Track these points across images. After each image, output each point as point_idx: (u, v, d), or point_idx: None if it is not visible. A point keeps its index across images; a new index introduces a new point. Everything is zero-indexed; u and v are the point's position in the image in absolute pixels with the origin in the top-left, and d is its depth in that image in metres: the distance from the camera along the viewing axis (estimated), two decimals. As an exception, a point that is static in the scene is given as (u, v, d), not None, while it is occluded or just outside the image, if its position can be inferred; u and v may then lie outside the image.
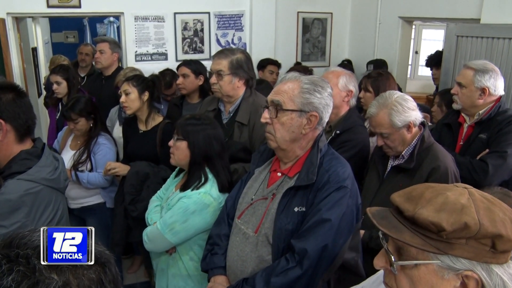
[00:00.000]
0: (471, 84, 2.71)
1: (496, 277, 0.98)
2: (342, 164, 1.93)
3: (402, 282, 1.06)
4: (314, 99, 1.88)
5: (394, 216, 1.07)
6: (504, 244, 0.97)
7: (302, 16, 5.35)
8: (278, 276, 1.83)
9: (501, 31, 3.55)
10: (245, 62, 2.88)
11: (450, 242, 0.98)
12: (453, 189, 1.05)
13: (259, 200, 1.99)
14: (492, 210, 1.00)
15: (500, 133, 2.65)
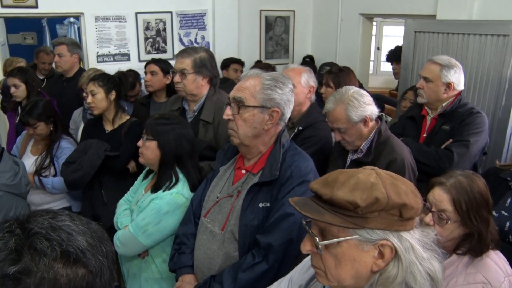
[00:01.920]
0: (438, 79, 2.82)
1: (406, 242, 1.10)
2: (304, 159, 1.97)
3: (328, 261, 1.14)
4: (275, 95, 1.91)
5: (314, 201, 1.15)
6: (409, 211, 1.09)
7: (265, 14, 5.39)
8: (245, 272, 1.86)
9: (456, 26, 3.68)
10: (208, 61, 2.89)
11: (365, 217, 1.08)
12: (362, 171, 1.16)
13: (224, 198, 2.01)
14: (396, 184, 1.11)
15: (463, 124, 2.78)
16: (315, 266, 1.20)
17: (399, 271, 1.10)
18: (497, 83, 3.42)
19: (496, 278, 1.71)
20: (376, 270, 1.12)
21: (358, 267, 1.12)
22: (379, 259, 1.11)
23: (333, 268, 1.14)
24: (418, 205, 1.12)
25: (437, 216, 1.74)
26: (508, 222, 2.15)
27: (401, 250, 1.09)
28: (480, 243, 1.73)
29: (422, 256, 1.11)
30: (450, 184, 1.74)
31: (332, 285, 1.19)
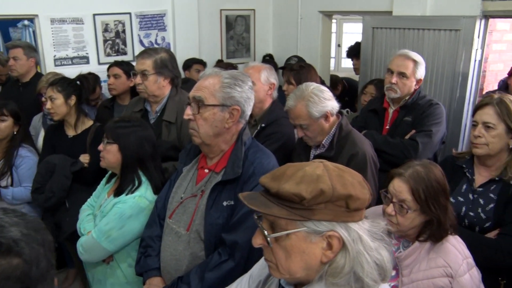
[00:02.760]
0: (413, 75, 2.92)
1: (354, 233, 1.12)
2: (266, 155, 1.99)
3: (278, 254, 1.16)
4: (235, 93, 1.91)
5: (263, 195, 1.17)
6: (355, 202, 1.12)
7: (225, 13, 5.38)
8: (212, 271, 1.87)
9: (411, 22, 3.79)
10: (169, 61, 2.88)
11: (311, 209, 1.10)
12: (310, 164, 1.18)
13: (188, 198, 2.01)
14: (342, 176, 1.14)
15: (424, 115, 2.89)
16: (267, 259, 1.22)
17: (346, 261, 1.12)
18: (451, 76, 3.55)
19: (456, 261, 1.79)
20: (325, 261, 1.14)
21: (308, 258, 1.14)
22: (328, 250, 1.13)
23: (284, 261, 1.16)
24: (365, 196, 1.15)
25: (398, 206, 1.79)
26: (464, 207, 2.23)
27: (348, 241, 1.12)
28: (439, 229, 1.80)
29: (370, 246, 1.13)
30: (408, 174, 1.79)
31: (285, 278, 1.22)
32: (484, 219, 2.17)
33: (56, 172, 2.92)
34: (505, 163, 2.19)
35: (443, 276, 1.78)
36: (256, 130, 2.81)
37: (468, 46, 3.44)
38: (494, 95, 2.25)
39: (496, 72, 4.31)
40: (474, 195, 2.23)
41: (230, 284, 1.56)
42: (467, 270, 1.80)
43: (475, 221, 2.19)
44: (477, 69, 3.54)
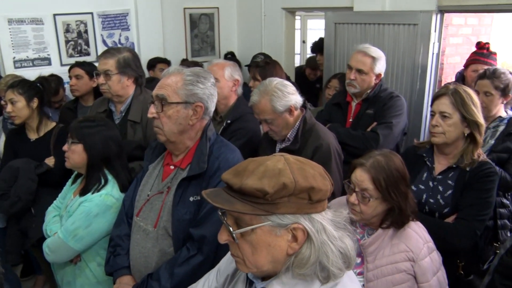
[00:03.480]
0: (371, 70, 2.98)
1: (317, 224, 1.16)
2: (231, 150, 2.02)
3: (245, 249, 1.18)
4: (197, 90, 1.93)
5: (226, 192, 1.18)
6: (317, 194, 1.15)
7: (189, 12, 5.35)
8: (181, 266, 1.89)
9: (371, 17, 3.88)
10: (132, 60, 2.86)
11: (275, 203, 1.12)
12: (271, 158, 1.19)
13: (155, 195, 2.02)
14: (303, 169, 1.16)
15: (385, 107, 2.96)
16: (234, 255, 1.23)
17: (312, 252, 1.15)
18: (411, 69, 3.65)
19: (417, 245, 1.86)
20: (291, 253, 1.17)
21: (274, 251, 1.16)
22: (293, 242, 1.16)
23: (250, 255, 1.18)
24: (327, 187, 1.18)
25: (360, 195, 1.85)
26: (424, 195, 2.31)
27: (312, 232, 1.15)
28: (401, 216, 1.86)
29: (334, 235, 1.17)
30: (369, 164, 1.85)
31: (252, 272, 1.24)
32: (443, 205, 2.26)
33: (20, 176, 2.85)
34: (462, 151, 2.28)
35: (406, 260, 1.84)
36: (222, 126, 2.83)
37: (425, 40, 3.55)
38: (450, 86, 2.34)
39: (453, 65, 4.47)
40: (434, 182, 2.32)
41: (200, 278, 1.57)
42: (427, 253, 1.87)
43: (435, 207, 2.28)
44: (435, 61, 3.66)
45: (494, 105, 2.90)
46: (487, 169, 2.22)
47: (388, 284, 1.83)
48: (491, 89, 2.87)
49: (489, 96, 2.88)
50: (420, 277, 1.84)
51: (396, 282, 1.83)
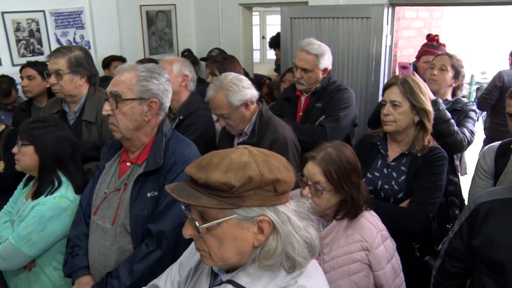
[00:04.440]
0: (315, 67, 3.01)
1: (283, 215, 1.17)
2: (187, 145, 2.03)
3: (211, 243, 1.18)
4: (152, 85, 1.93)
5: (191, 186, 1.16)
6: (282, 186, 1.16)
7: (145, 9, 5.28)
8: (140, 262, 1.88)
9: (326, 11, 3.94)
10: (84, 59, 2.81)
11: (241, 196, 1.12)
12: (235, 151, 1.19)
13: (112, 193, 2.00)
14: (268, 161, 1.16)
15: (332, 100, 3.01)
16: (199, 249, 1.22)
17: (278, 243, 1.17)
18: (366, 61, 3.73)
19: (371, 234, 1.89)
20: (257, 245, 1.18)
21: (240, 244, 1.17)
22: (259, 234, 1.17)
23: (217, 249, 1.17)
24: (291, 179, 1.19)
25: (313, 188, 1.86)
26: (379, 181, 2.38)
27: (278, 223, 1.16)
28: (354, 207, 1.89)
29: (298, 225, 1.19)
30: (320, 157, 1.86)
31: (218, 265, 1.24)
32: (397, 190, 2.33)
33: None
34: (413, 137, 2.36)
35: (360, 250, 1.87)
36: (175, 122, 2.82)
37: (378, 33, 3.64)
38: (399, 76, 2.42)
39: (407, 57, 4.61)
40: (388, 169, 2.39)
41: (160, 273, 1.56)
42: (381, 242, 1.90)
43: (390, 193, 2.35)
44: (388, 54, 3.76)
45: (445, 83, 3.02)
46: (437, 154, 2.31)
47: (344, 274, 1.85)
48: (448, 64, 3.00)
49: (444, 71, 3.00)
50: (375, 265, 1.87)
51: (351, 272, 1.86)
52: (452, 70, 3.01)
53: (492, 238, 1.70)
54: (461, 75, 3.06)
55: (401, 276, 2.01)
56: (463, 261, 1.87)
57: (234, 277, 1.22)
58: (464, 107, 2.94)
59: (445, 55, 3.11)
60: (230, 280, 1.23)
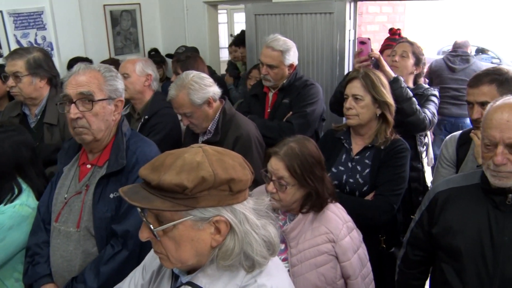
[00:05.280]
0: (281, 64, 3.01)
1: (239, 214, 1.16)
2: (148, 144, 2.03)
3: (168, 245, 1.16)
4: (118, 85, 1.96)
5: (145, 188, 1.14)
6: (237, 185, 1.15)
7: (109, 9, 5.19)
8: (106, 264, 1.86)
9: (289, 7, 3.95)
10: (44, 60, 2.75)
11: (195, 197, 1.11)
12: (189, 150, 1.17)
13: (73, 196, 1.97)
14: (222, 160, 1.15)
15: (299, 96, 3.02)
16: (157, 251, 1.21)
17: (236, 243, 1.16)
18: (330, 56, 3.76)
19: (336, 226, 1.91)
20: (215, 245, 1.17)
21: (198, 245, 1.16)
22: (216, 235, 1.16)
23: (174, 251, 1.16)
24: (247, 177, 1.18)
25: (277, 183, 1.87)
26: (344, 175, 2.41)
27: (235, 223, 1.15)
28: (319, 199, 1.91)
29: (257, 224, 1.18)
30: (283, 152, 1.87)
31: (177, 267, 1.23)
32: (362, 183, 2.36)
33: None
34: (375, 131, 2.40)
35: (326, 242, 1.89)
36: (140, 123, 2.80)
37: (341, 28, 3.67)
38: (360, 70, 2.45)
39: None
40: (352, 163, 2.42)
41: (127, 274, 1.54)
42: (347, 233, 1.93)
43: (355, 186, 2.38)
44: (352, 48, 3.79)
45: (407, 70, 3.07)
46: (399, 146, 2.35)
47: (312, 267, 1.87)
48: (409, 51, 3.06)
49: (405, 57, 3.06)
50: (341, 256, 1.90)
51: (319, 264, 1.88)
52: (413, 57, 3.07)
53: (450, 226, 1.75)
54: (422, 63, 3.13)
55: (368, 266, 2.05)
56: (424, 249, 1.92)
57: (193, 278, 1.22)
58: (425, 92, 3.01)
59: (406, 42, 3.17)
60: (189, 282, 1.22)
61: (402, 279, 2.06)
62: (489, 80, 2.19)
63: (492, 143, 1.59)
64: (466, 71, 4.95)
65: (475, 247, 1.67)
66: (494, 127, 1.57)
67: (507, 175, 1.58)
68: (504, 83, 2.16)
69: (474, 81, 2.26)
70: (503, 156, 1.56)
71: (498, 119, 1.57)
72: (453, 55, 5.16)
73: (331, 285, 1.90)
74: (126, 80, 2.86)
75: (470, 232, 1.69)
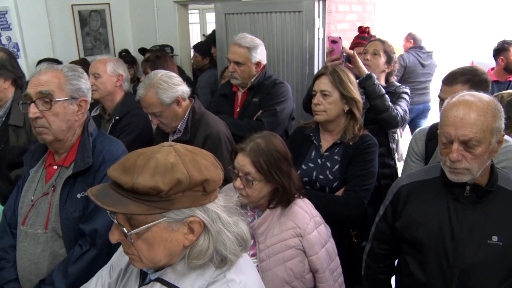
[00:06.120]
0: (248, 61, 3.02)
1: (212, 213, 1.17)
2: (114, 142, 2.02)
3: (140, 247, 1.15)
4: (82, 84, 1.93)
5: (116, 191, 1.11)
6: (211, 185, 1.15)
7: (77, 9, 5.11)
8: (74, 264, 1.85)
9: (259, 6, 3.97)
10: (8, 61, 2.71)
11: (170, 199, 1.10)
12: (161, 150, 1.14)
13: (40, 198, 1.94)
14: (196, 160, 1.14)
15: (268, 94, 3.04)
16: (128, 253, 1.19)
17: (210, 242, 1.16)
18: (300, 54, 3.79)
19: (303, 221, 1.93)
20: (188, 245, 1.17)
21: (171, 246, 1.16)
22: (189, 234, 1.16)
23: (147, 252, 1.15)
24: (220, 176, 1.19)
25: (244, 179, 1.88)
26: (314, 172, 2.43)
27: (208, 222, 1.15)
28: (286, 195, 1.93)
29: (228, 221, 1.19)
30: (249, 148, 1.88)
31: (148, 267, 1.22)
32: (332, 179, 2.38)
33: None
34: (344, 127, 2.43)
35: (294, 236, 1.91)
36: (110, 123, 2.77)
37: (310, 26, 3.70)
38: (328, 66, 2.47)
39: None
40: (322, 159, 2.44)
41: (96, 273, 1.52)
42: (314, 228, 1.95)
43: (325, 182, 2.40)
44: (321, 46, 3.83)
45: (378, 68, 3.12)
46: (367, 141, 2.38)
47: (280, 261, 1.89)
48: (380, 50, 3.12)
49: (377, 56, 3.11)
50: (309, 250, 1.91)
51: (287, 258, 1.89)
52: (385, 55, 3.12)
53: (412, 219, 1.78)
54: (393, 61, 3.19)
55: (337, 260, 2.07)
56: (389, 243, 1.96)
57: (162, 275, 1.21)
58: (397, 90, 3.06)
59: (378, 41, 3.23)
60: (158, 278, 1.22)
61: (369, 273, 2.09)
62: (464, 80, 2.24)
63: (448, 140, 1.62)
64: (430, 66, 5.73)
65: (436, 239, 1.71)
66: (449, 124, 1.61)
67: (462, 171, 1.62)
68: (477, 84, 2.21)
69: (450, 78, 2.31)
70: (458, 153, 1.59)
71: (453, 116, 1.60)
72: (422, 52, 5.71)
73: (299, 279, 1.92)
74: (97, 80, 2.84)
75: (432, 224, 1.73)
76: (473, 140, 1.57)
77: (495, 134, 1.59)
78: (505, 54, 4.10)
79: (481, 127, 1.56)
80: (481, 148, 1.58)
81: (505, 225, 1.65)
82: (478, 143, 1.57)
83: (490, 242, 1.64)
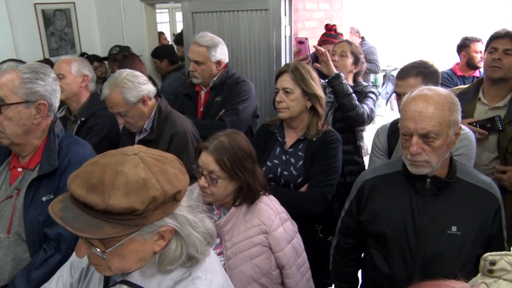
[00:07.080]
0: (208, 60, 3.02)
1: (181, 218, 1.18)
2: (81, 145, 1.99)
3: (112, 260, 1.14)
4: (38, 87, 1.85)
5: (85, 211, 1.06)
6: (182, 194, 1.17)
7: (40, 8, 5.00)
8: (38, 269, 1.82)
9: (226, 5, 3.98)
10: None
11: (144, 216, 1.09)
12: (127, 162, 1.09)
13: (3, 201, 1.91)
14: (165, 171, 1.12)
15: (231, 93, 3.05)
16: (96, 264, 1.18)
17: (182, 248, 1.17)
18: (267, 52, 3.82)
19: (269, 217, 1.95)
20: (158, 250, 1.17)
21: (142, 254, 1.16)
22: (159, 240, 1.16)
23: (118, 264, 1.15)
24: (187, 182, 1.19)
25: (209, 178, 1.89)
26: (279, 168, 2.46)
27: (179, 228, 1.16)
28: (251, 192, 1.94)
29: (195, 221, 1.20)
30: (212, 146, 1.89)
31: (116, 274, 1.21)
32: (296, 175, 2.42)
33: None
34: (307, 123, 2.47)
35: (260, 233, 1.93)
36: (76, 125, 2.74)
37: (277, 24, 3.73)
38: (290, 64, 2.51)
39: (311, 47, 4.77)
40: (286, 155, 2.48)
41: None
42: (280, 224, 1.97)
43: (289, 179, 2.44)
44: (288, 44, 3.87)
45: (346, 69, 3.20)
46: (330, 137, 2.43)
47: (246, 259, 1.90)
48: (348, 51, 3.21)
49: (344, 57, 3.20)
50: (275, 247, 1.94)
51: (253, 255, 1.91)
52: (352, 56, 3.21)
53: (376, 212, 1.83)
54: (360, 62, 3.26)
55: (304, 255, 2.10)
56: (355, 237, 2.00)
57: (128, 276, 1.21)
58: (364, 89, 3.15)
59: (345, 42, 3.31)
60: (124, 280, 1.21)
61: (336, 267, 2.14)
62: (415, 73, 2.32)
63: (408, 133, 1.68)
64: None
65: (399, 231, 1.77)
66: (408, 118, 1.66)
67: (422, 163, 1.68)
68: (428, 76, 2.30)
69: (402, 73, 2.38)
70: (418, 146, 1.65)
71: (412, 110, 1.66)
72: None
73: (266, 275, 1.94)
74: (61, 81, 2.78)
75: (395, 217, 1.78)
76: (431, 133, 1.62)
77: (452, 127, 1.66)
78: (467, 50, 4.22)
79: (438, 120, 1.62)
80: (439, 140, 1.64)
81: (463, 215, 1.71)
82: (436, 135, 1.63)
83: (450, 232, 1.71)
